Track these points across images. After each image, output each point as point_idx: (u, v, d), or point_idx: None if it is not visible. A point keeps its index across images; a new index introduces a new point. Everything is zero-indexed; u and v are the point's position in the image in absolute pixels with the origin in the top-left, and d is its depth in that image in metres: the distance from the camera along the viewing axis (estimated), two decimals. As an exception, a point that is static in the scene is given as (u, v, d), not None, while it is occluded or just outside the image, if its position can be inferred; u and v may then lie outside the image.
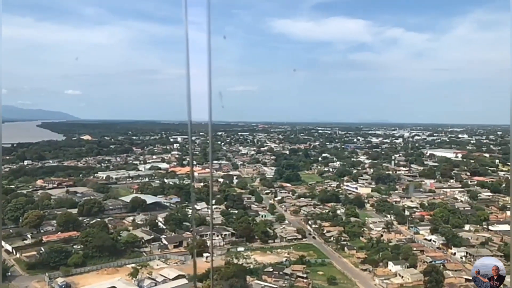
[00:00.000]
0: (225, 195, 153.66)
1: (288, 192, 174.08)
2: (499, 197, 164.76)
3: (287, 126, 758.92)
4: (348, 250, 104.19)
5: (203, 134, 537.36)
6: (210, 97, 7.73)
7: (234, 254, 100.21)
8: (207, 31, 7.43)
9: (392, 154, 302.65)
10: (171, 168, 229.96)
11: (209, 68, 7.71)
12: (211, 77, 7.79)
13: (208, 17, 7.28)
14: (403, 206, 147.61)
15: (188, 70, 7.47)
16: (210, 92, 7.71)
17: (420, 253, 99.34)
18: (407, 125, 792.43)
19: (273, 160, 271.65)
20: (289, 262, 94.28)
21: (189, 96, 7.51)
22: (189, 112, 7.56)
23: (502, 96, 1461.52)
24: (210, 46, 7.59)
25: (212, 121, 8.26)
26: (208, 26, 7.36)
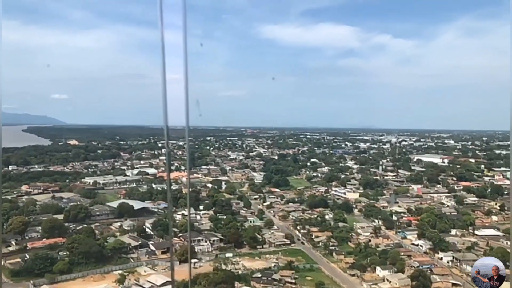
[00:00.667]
0: (213, 200, 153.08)
1: (277, 197, 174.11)
2: (485, 202, 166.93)
3: (275, 131, 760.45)
4: (336, 255, 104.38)
5: (191, 139, 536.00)
6: (187, 102, 7.55)
7: (222, 259, 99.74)
8: (183, 35, 7.27)
9: (379, 159, 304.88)
10: (159, 173, 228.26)
11: (185, 72, 7.52)
12: (188, 81, 7.60)
13: (184, 21, 7.12)
14: (390, 211, 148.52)
15: (164, 75, 7.30)
16: (187, 97, 7.54)
17: (408, 258, 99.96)
18: (394, 131, 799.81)
19: (261, 165, 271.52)
20: (277, 267, 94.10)
21: (165, 101, 7.35)
22: (165, 117, 7.40)
23: (488, 102, 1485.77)
24: (187, 50, 7.41)
25: (189, 126, 8.03)
26: (184, 30, 7.19)
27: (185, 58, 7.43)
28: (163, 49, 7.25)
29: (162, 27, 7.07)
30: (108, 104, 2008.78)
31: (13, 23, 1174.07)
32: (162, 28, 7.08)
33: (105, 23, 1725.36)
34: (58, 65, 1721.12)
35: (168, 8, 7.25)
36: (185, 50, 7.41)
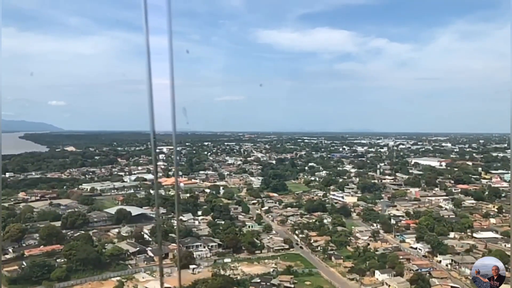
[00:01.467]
0: (211, 205, 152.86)
1: (275, 202, 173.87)
2: (482, 204, 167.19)
3: (273, 136, 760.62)
4: (335, 259, 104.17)
5: (189, 144, 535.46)
6: (173, 107, 7.50)
7: (221, 265, 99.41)
8: (168, 39, 7.22)
9: (377, 163, 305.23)
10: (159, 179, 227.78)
11: (171, 77, 7.48)
12: (174, 86, 7.55)
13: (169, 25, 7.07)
14: (389, 215, 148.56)
15: (149, 80, 7.25)
16: (174, 102, 7.48)
17: (407, 261, 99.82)
18: (391, 134, 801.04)
19: (259, 170, 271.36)
20: (276, 272, 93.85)
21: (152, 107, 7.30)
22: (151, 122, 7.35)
23: (485, 105, 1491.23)
24: (172, 55, 7.37)
25: (176, 132, 7.98)
26: (169, 34, 7.16)
27: (170, 62, 7.38)
28: (149, 54, 7.20)
29: (148, 31, 7.02)
30: (105, 110, 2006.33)
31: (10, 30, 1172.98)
32: (148, 32, 7.03)
33: (102, 29, 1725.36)
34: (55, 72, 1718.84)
35: (157, 13, 7.21)
36: (170, 55, 7.36)
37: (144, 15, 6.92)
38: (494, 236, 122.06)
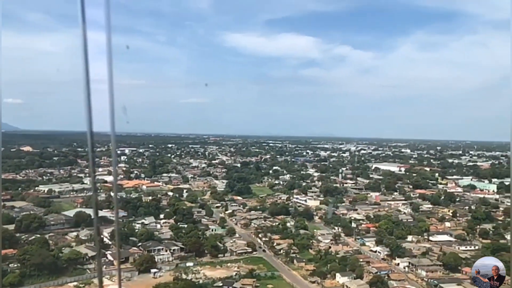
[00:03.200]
0: (174, 209, 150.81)
1: (239, 205, 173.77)
2: (439, 208, 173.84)
3: (238, 139, 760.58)
4: (297, 262, 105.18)
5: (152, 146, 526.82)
6: (112, 107, 7.30)
7: (183, 269, 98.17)
8: (107, 36, 7.03)
9: (339, 167, 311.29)
10: (118, 181, 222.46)
11: (110, 76, 7.29)
12: (113, 85, 7.35)
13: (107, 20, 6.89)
14: (350, 218, 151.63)
15: (87, 77, 7.03)
16: (113, 101, 7.29)
17: (366, 264, 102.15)
18: (353, 140, 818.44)
19: (224, 173, 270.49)
20: (239, 276, 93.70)
21: (89, 105, 7.06)
22: (89, 122, 7.08)
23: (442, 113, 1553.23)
24: (111, 52, 7.16)
25: (115, 133, 7.66)
26: (108, 30, 6.96)
27: (109, 60, 7.17)
28: (86, 51, 6.96)
29: (84, 25, 6.76)
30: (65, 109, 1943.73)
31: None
32: (85, 27, 6.78)
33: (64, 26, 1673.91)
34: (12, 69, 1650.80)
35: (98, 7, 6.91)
36: (109, 52, 7.15)
37: (81, 8, 6.64)
38: (449, 239, 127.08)
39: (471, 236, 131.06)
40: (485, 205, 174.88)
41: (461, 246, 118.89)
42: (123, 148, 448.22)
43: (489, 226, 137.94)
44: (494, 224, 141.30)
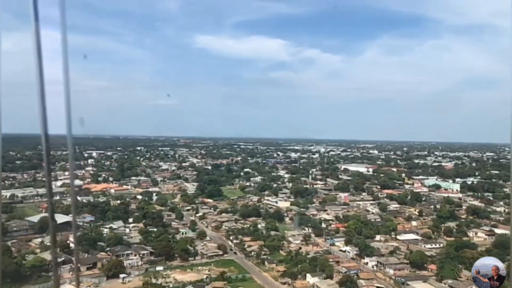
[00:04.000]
0: (143, 212, 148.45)
1: (210, 208, 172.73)
2: (405, 208, 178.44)
3: (209, 141, 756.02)
4: (268, 264, 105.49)
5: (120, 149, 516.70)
6: (68, 108, 7.10)
7: (152, 273, 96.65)
8: (62, 35, 6.83)
9: (309, 169, 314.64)
10: (85, 185, 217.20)
11: (66, 77, 7.11)
12: (69, 86, 7.16)
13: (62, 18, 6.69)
14: (320, 219, 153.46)
15: (41, 78, 6.81)
16: (69, 103, 7.10)
17: (336, 264, 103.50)
18: (323, 141, 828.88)
19: (194, 176, 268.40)
20: (209, 279, 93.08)
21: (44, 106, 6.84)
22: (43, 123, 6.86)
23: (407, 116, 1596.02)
24: (67, 52, 6.98)
25: (72, 135, 7.45)
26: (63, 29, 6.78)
27: (64, 60, 6.98)
28: (39, 50, 6.75)
29: (37, 24, 6.54)
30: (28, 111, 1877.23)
31: None
32: (38, 25, 6.56)
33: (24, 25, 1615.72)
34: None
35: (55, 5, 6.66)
36: (64, 52, 6.95)
37: (33, 6, 6.39)
38: (415, 237, 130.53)
39: (436, 234, 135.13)
40: (449, 204, 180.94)
41: (426, 244, 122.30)
42: (91, 151, 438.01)
43: (453, 224, 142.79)
44: (457, 222, 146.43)
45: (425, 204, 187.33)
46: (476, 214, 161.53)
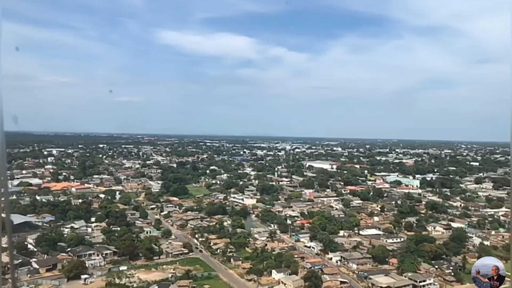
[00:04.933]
0: (106, 211, 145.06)
1: (175, 206, 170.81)
2: (368, 204, 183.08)
3: (174, 139, 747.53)
4: (234, 261, 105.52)
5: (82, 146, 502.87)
6: (0, 105, 6.84)
7: (115, 273, 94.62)
8: None
9: (275, 166, 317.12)
10: (44, 184, 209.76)
11: None
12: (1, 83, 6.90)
13: None
14: (285, 216, 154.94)
15: None
16: (1, 100, 6.83)
17: (301, 260, 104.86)
18: (289, 139, 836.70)
19: (159, 174, 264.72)
20: (174, 278, 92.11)
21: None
22: None
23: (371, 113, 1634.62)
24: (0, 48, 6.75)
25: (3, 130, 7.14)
26: None
27: None
28: None
29: None
30: None
31: None
32: None
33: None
34: None
35: None
36: None
37: None
38: (377, 233, 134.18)
39: (397, 229, 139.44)
40: (410, 199, 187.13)
41: (388, 239, 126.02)
42: (50, 148, 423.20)
43: (413, 219, 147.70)
44: (417, 217, 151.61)
45: (387, 200, 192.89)
46: (434, 209, 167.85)
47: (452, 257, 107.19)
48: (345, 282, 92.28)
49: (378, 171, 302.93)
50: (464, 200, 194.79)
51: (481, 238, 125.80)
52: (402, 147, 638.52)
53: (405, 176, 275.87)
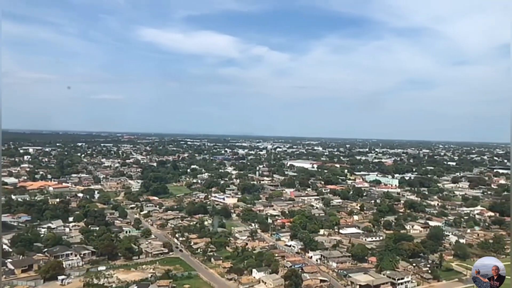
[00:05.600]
0: (85, 211, 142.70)
1: (155, 206, 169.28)
2: (348, 203, 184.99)
3: (155, 137, 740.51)
4: (214, 260, 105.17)
5: (60, 145, 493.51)
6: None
7: (94, 274, 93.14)
8: None
9: (257, 165, 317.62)
10: (20, 183, 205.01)
11: None
12: None
13: None
14: (266, 215, 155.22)
15: None
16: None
17: (282, 259, 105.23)
18: (270, 138, 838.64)
19: (139, 173, 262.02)
20: (154, 277, 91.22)
21: None
22: None
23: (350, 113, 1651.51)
24: None
25: None
26: None
27: None
28: None
29: None
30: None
31: None
32: None
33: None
34: None
35: None
36: None
37: None
38: (357, 231, 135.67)
39: (376, 228, 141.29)
40: (389, 198, 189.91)
41: (367, 238, 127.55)
42: (27, 147, 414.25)
43: (392, 218, 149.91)
44: (396, 216, 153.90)
45: (366, 199, 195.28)
46: (413, 208, 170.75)
47: (429, 255, 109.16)
48: (325, 280, 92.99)
49: (358, 171, 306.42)
50: (441, 199, 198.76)
51: (457, 236, 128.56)
52: (382, 146, 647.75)
53: (384, 176, 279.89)
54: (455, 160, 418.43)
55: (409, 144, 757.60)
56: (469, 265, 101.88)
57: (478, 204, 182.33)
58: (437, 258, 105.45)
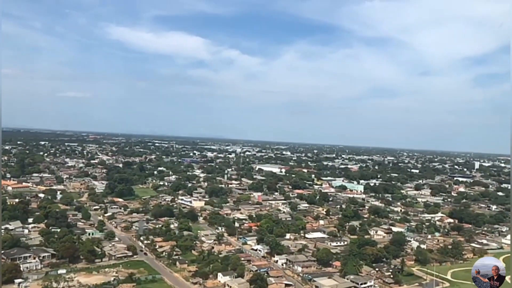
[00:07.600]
0: (46, 212, 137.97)
1: (120, 208, 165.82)
2: (314, 207, 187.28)
3: (121, 138, 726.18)
4: (180, 264, 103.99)
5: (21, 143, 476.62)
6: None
7: (53, 277, 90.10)
8: None
9: (225, 168, 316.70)
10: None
11: None
12: None
13: None
14: (233, 218, 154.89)
15: None
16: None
17: (247, 263, 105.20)
18: (239, 141, 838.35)
19: (104, 174, 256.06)
20: (117, 281, 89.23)
21: None
22: None
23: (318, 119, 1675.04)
24: None
25: None
26: None
27: None
28: None
29: None
30: None
31: None
32: None
33: None
34: None
35: None
36: None
37: None
38: (322, 236, 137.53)
39: (341, 233, 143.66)
40: (354, 204, 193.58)
41: (332, 242, 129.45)
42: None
43: (357, 223, 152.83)
44: (360, 221, 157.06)
45: (332, 204, 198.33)
46: (377, 213, 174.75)
47: (392, 260, 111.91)
48: (290, 284, 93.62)
49: (324, 176, 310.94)
50: (404, 206, 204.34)
51: (419, 242, 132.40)
52: (348, 153, 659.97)
53: (350, 181, 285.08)
54: (418, 167, 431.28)
55: (375, 151, 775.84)
56: (429, 270, 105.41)
57: (439, 211, 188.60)
58: (399, 263, 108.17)
